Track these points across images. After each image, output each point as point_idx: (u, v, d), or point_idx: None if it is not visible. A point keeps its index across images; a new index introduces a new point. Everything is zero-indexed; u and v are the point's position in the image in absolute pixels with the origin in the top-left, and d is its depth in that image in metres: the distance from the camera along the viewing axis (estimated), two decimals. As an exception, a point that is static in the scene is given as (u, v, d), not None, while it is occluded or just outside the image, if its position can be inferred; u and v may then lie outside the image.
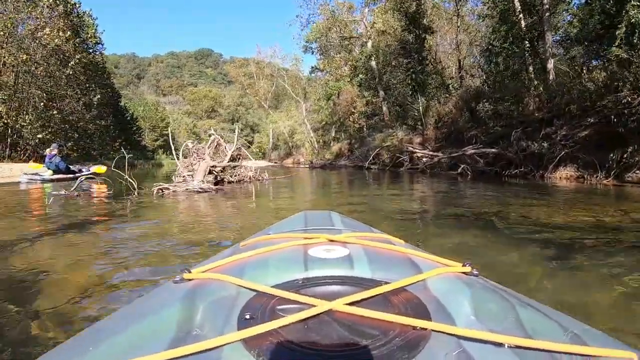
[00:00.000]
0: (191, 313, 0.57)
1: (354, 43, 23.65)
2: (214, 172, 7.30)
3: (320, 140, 31.01)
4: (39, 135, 17.17)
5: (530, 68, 12.13)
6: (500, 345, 0.49)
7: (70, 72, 19.26)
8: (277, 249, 0.82)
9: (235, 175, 8.18)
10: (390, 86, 19.87)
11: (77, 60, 20.17)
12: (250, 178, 8.49)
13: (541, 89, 9.96)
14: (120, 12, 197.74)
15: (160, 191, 5.83)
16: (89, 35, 24.50)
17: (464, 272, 0.70)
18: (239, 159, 8.70)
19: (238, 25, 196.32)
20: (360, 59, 21.18)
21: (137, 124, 38.27)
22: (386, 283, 0.64)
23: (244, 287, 0.65)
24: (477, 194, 6.46)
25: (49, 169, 9.19)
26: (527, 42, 12.08)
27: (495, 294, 0.63)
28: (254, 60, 41.34)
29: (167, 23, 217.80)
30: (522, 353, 0.48)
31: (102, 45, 29.35)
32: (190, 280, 0.69)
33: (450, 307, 0.59)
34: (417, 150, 11.80)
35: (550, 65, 11.45)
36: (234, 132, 9.16)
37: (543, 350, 0.48)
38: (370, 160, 14.99)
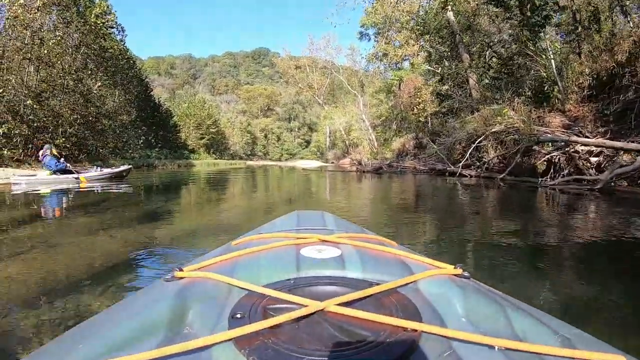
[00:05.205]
0: (182, 311, 0.57)
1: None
2: None
3: (380, 138, 27.13)
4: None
5: None
6: (490, 347, 0.49)
7: (46, 52, 15.20)
8: (269, 248, 0.81)
9: None
10: (477, 46, 12.96)
11: (61, 41, 16.31)
12: None
13: None
14: (176, 14, 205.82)
15: None
16: (93, 16, 20.67)
17: (455, 274, 0.70)
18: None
19: (297, 26, 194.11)
20: (432, 10, 14.32)
21: (172, 120, 35.04)
22: (378, 284, 0.63)
23: (236, 286, 0.64)
24: None
25: (48, 169, 9.26)
26: None
27: (486, 296, 0.63)
28: (304, 53, 37.11)
29: (226, 23, 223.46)
30: (512, 355, 0.48)
31: (123, 30, 25.93)
32: (181, 278, 0.68)
33: (441, 308, 0.59)
34: (583, 139, 5.09)
35: None
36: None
37: (533, 353, 0.48)
38: (464, 161, 8.56)
